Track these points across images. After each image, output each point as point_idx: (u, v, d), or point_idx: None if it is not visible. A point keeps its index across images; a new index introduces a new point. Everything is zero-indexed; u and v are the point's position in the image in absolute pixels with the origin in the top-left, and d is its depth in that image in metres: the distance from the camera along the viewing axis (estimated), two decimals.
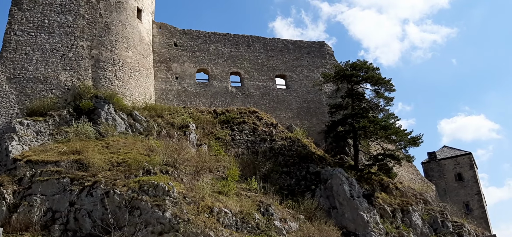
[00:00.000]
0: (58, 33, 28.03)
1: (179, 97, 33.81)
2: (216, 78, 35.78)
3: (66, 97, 26.29)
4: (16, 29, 27.32)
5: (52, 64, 27.00)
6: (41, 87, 26.17)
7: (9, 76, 25.86)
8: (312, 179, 27.09)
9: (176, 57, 35.37)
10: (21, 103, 25.32)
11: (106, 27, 29.65)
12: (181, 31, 36.67)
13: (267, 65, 37.82)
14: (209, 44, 36.85)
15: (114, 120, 25.38)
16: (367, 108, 32.40)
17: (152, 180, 19.13)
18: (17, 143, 22.23)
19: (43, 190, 18.99)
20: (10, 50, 26.63)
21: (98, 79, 27.82)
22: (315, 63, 39.34)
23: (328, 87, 36.14)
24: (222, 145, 28.03)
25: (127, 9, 31.39)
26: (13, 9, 27.78)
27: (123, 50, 29.82)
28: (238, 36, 38.41)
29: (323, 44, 40.96)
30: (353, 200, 24.76)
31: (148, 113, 27.85)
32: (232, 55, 37.22)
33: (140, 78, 30.57)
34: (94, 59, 28.30)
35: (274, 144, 29.58)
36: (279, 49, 38.90)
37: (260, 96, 36.14)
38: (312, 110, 37.03)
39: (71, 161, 20.37)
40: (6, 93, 25.30)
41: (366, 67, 32.74)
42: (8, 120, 24.24)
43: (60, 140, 23.11)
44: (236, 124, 30.59)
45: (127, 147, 22.90)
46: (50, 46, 27.47)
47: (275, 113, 35.16)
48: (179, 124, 27.97)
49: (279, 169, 27.27)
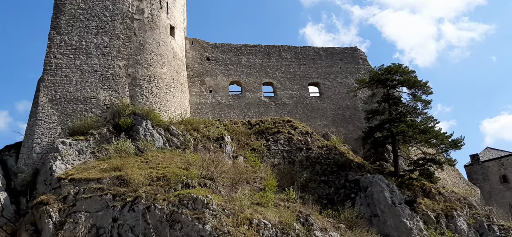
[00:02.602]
0: (95, 54, 28.93)
1: (214, 110, 34.20)
2: (248, 89, 35.97)
3: (106, 116, 27.02)
4: (56, 52, 28.36)
5: (91, 84, 27.85)
6: (82, 107, 27.00)
7: (51, 98, 26.83)
8: (351, 187, 26.58)
9: (209, 71, 35.86)
10: (63, 124, 26.17)
11: (141, 45, 30.38)
12: (213, 45, 37.18)
13: (299, 74, 37.69)
14: (240, 56, 37.15)
15: (152, 135, 25.84)
16: (405, 112, 31.75)
17: (191, 194, 19.24)
18: (60, 162, 22.97)
19: (87, 207, 19.46)
20: (51, 73, 27.65)
21: (135, 97, 28.47)
22: (349, 69, 38.89)
23: (363, 92, 35.64)
24: (258, 156, 27.97)
25: (160, 27, 32.08)
26: (52, 34, 28.90)
27: (158, 67, 30.43)
28: (269, 46, 38.55)
29: (356, 50, 40.47)
30: (395, 207, 24.11)
31: (184, 127, 28.20)
32: (263, 65, 37.37)
33: (175, 93, 31.08)
34: (130, 77, 29.01)
35: (310, 153, 29.27)
36: (311, 57, 38.74)
37: (294, 105, 36.02)
38: (348, 117, 36.53)
39: (113, 178, 20.81)
40: (48, 114, 26.24)
41: (402, 70, 32.13)
42: (51, 141, 25.10)
43: (101, 158, 23.71)
44: (270, 134, 30.49)
45: (165, 162, 23.21)
46: (88, 67, 28.38)
47: (309, 122, 34.88)
48: (214, 136, 28.14)
49: (317, 178, 26.90)
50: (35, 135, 25.14)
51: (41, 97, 26.49)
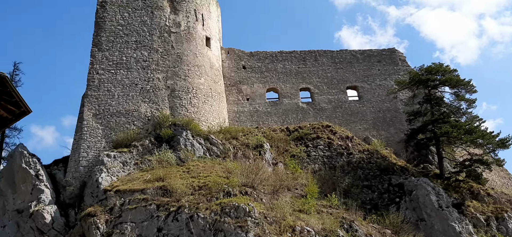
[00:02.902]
0: (135, 68, 29.73)
1: (252, 118, 34.32)
2: (286, 95, 35.88)
3: (147, 127, 27.64)
4: (98, 68, 29.34)
5: (132, 98, 28.60)
6: (124, 120, 27.75)
7: (95, 113, 27.73)
8: (395, 191, 25.86)
9: (245, 79, 36.06)
10: (107, 137, 26.97)
11: (178, 58, 30.97)
12: (248, 53, 37.41)
13: (337, 78, 37.25)
14: (276, 63, 37.16)
15: (192, 145, 26.17)
16: (448, 112, 30.78)
17: (233, 202, 19.31)
18: (106, 174, 23.65)
19: (133, 218, 19.89)
20: (94, 88, 28.61)
21: (175, 108, 28.99)
22: (387, 71, 38.07)
23: (404, 94, 34.76)
24: (298, 163, 27.75)
25: (197, 38, 32.61)
26: (94, 50, 29.93)
27: (195, 78, 30.89)
28: (304, 52, 38.37)
29: (394, 51, 39.58)
30: (442, 210, 23.27)
31: (223, 136, 28.41)
32: (300, 71, 37.20)
33: (213, 102, 31.42)
34: (170, 89, 29.59)
35: (351, 158, 28.74)
36: (347, 60, 38.22)
37: (332, 110, 35.58)
38: (389, 120, 35.70)
39: (156, 188, 21.20)
40: (93, 128, 27.12)
41: (443, 70, 31.17)
42: (96, 154, 25.91)
43: (144, 169, 24.24)
44: (310, 140, 30.19)
45: (206, 171, 23.42)
46: (129, 81, 29.18)
47: (349, 126, 34.33)
48: (253, 144, 28.17)
49: (359, 183, 26.37)
50: (81, 149, 26.04)
51: (85, 112, 27.43)
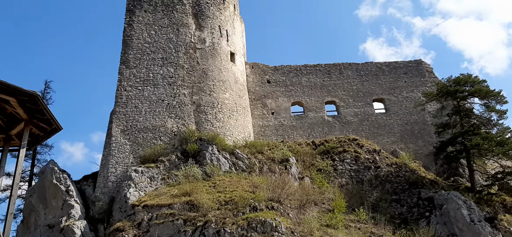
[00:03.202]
0: (162, 84, 30.20)
1: (277, 132, 34.25)
2: (311, 109, 35.71)
3: (174, 143, 27.94)
4: (126, 85, 29.95)
5: (159, 114, 29.02)
6: (151, 135, 28.14)
7: (123, 129, 28.23)
8: (425, 205, 25.21)
9: (270, 93, 36.12)
10: (134, 152, 27.38)
11: (203, 73, 31.32)
12: (273, 67, 37.50)
13: (363, 90, 36.87)
14: (301, 77, 37.10)
15: (218, 160, 26.27)
16: (478, 124, 29.92)
17: (259, 217, 19.23)
18: (134, 189, 23.96)
19: (160, 233, 20.03)
20: (122, 105, 29.18)
21: (201, 123, 29.23)
22: (414, 83, 37.48)
23: (432, 106, 34.10)
24: (325, 177, 27.44)
25: (221, 54, 32.95)
26: (122, 68, 30.60)
27: (220, 93, 31.14)
28: (329, 65, 38.19)
29: (421, 62, 38.98)
30: (474, 224, 22.50)
31: (249, 150, 28.41)
32: (325, 84, 37.01)
33: (238, 117, 31.54)
34: (195, 105, 29.90)
35: (379, 171, 28.23)
36: (373, 72, 37.83)
37: (359, 123, 35.18)
38: (417, 132, 35.00)
39: (183, 203, 21.32)
40: (121, 144, 27.60)
41: (471, 80, 30.45)
42: (125, 169, 26.31)
43: (171, 184, 24.44)
44: (336, 153, 29.85)
45: (232, 186, 23.43)
46: (156, 97, 29.65)
47: (376, 139, 33.83)
48: (279, 158, 28.06)
49: (387, 197, 25.83)
50: (109, 165, 26.49)
51: (114, 128, 27.97)
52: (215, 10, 34.46)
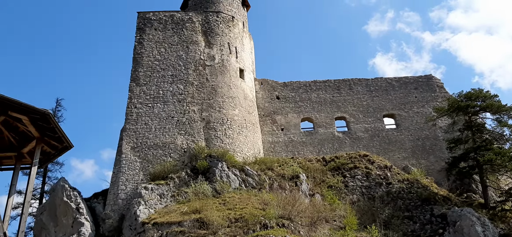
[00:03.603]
0: (172, 101, 30.32)
1: (287, 148, 34.09)
2: (321, 125, 35.55)
3: (183, 159, 27.91)
4: (136, 102, 30.11)
5: (169, 130, 29.07)
6: (161, 152, 28.16)
7: (133, 146, 28.30)
8: (438, 222, 24.75)
9: (279, 110, 36.06)
10: (144, 169, 27.39)
11: (213, 90, 31.41)
12: (282, 83, 37.51)
13: (373, 106, 36.68)
14: (310, 93, 37.04)
15: (228, 176, 26.14)
16: (491, 139, 29.58)
17: (270, 234, 18.99)
18: (144, 207, 23.88)
19: None
20: (132, 122, 29.29)
21: (210, 139, 29.21)
22: (425, 98, 37.22)
23: (443, 121, 33.81)
24: (336, 193, 27.14)
25: (230, 71, 33.06)
26: (132, 85, 30.80)
27: (230, 109, 31.15)
28: (338, 80, 38.12)
29: (431, 77, 38.75)
30: None
31: (259, 166, 28.26)
32: (334, 100, 36.90)
33: (248, 133, 31.47)
34: (205, 121, 29.92)
35: (390, 188, 27.86)
36: (383, 88, 37.67)
37: (369, 139, 34.91)
38: (428, 148, 34.62)
39: (193, 220, 21.16)
40: (131, 161, 27.63)
41: (483, 95, 30.18)
42: (134, 186, 26.30)
43: (181, 201, 24.32)
44: (347, 170, 29.55)
45: (242, 203, 23.25)
46: (166, 114, 29.74)
47: (387, 155, 33.50)
48: (289, 175, 27.85)
49: (399, 214, 25.44)
50: (119, 182, 26.51)
51: (124, 146, 28.04)
52: (224, 28, 34.70)
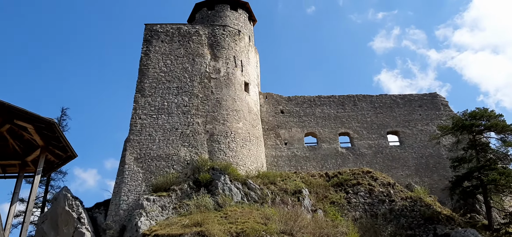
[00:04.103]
0: (176, 113, 30.42)
1: (290, 163, 34.02)
2: (324, 140, 35.50)
3: (186, 171, 27.91)
4: (141, 113, 30.23)
5: (173, 142, 29.12)
6: (164, 164, 28.18)
7: (136, 157, 28.35)
8: None
9: (283, 124, 36.07)
10: (147, 181, 27.39)
11: (218, 102, 31.51)
12: (287, 98, 37.57)
13: (377, 123, 36.62)
14: (314, 108, 37.06)
15: (230, 190, 26.09)
16: (495, 159, 29.39)
17: None
18: (145, 218, 23.83)
19: None
20: (136, 133, 29.37)
21: (213, 152, 29.22)
22: (429, 116, 37.15)
23: (447, 139, 33.65)
24: (338, 209, 27.00)
25: (235, 84, 33.18)
26: (137, 96, 30.96)
27: (234, 122, 31.21)
28: (343, 96, 38.14)
29: (436, 95, 38.72)
30: None
31: (261, 180, 28.19)
32: (338, 116, 36.88)
33: (251, 147, 31.47)
34: (209, 134, 29.97)
35: (394, 205, 27.69)
36: (388, 105, 37.64)
37: (373, 155, 34.80)
38: (432, 166, 34.45)
39: (194, 234, 21.03)
40: (134, 172, 27.66)
41: (488, 114, 30.09)
42: (136, 198, 26.28)
43: (182, 213, 24.24)
44: (350, 186, 29.43)
45: (244, 217, 23.14)
46: (170, 125, 29.82)
47: (391, 172, 33.36)
48: (292, 190, 27.74)
49: (402, 232, 25.25)
50: (122, 193, 26.50)
51: (127, 156, 28.10)
52: (231, 41, 34.93)
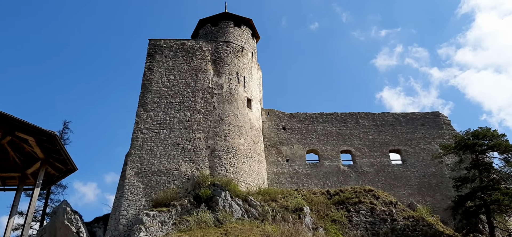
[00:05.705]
0: (178, 128, 30.40)
1: (291, 180, 33.84)
2: (326, 158, 35.35)
3: (187, 187, 27.76)
4: (142, 127, 30.22)
5: (174, 157, 29.04)
6: (165, 179, 28.05)
7: (137, 171, 28.24)
8: None
9: (285, 140, 35.97)
10: (147, 196, 27.23)
11: (220, 118, 31.50)
12: (289, 114, 37.54)
13: (379, 141, 36.49)
14: (316, 125, 37.00)
15: (231, 206, 25.90)
16: (498, 179, 29.13)
17: None
18: (144, 234, 23.61)
19: None
20: (137, 147, 29.31)
21: (215, 168, 29.11)
22: (431, 135, 37.02)
23: (450, 159, 33.47)
24: (339, 228, 26.72)
25: (238, 100, 33.21)
26: (139, 111, 30.99)
27: (235, 138, 31.14)
28: (345, 114, 38.10)
29: (438, 114, 38.64)
30: None
31: (262, 197, 28.00)
32: (340, 133, 36.79)
33: (253, 163, 31.34)
34: (210, 149, 29.89)
35: (395, 225, 27.41)
36: (390, 123, 37.56)
37: (375, 173, 34.60)
38: (435, 185, 34.21)
39: None
40: (134, 187, 27.53)
41: (490, 134, 29.92)
42: (136, 212, 26.10)
43: (182, 229, 24.03)
44: (351, 204, 29.17)
45: (244, 234, 22.90)
46: (171, 140, 29.77)
47: (393, 191, 33.13)
48: (293, 207, 27.51)
49: None
50: (121, 207, 26.33)
51: (128, 171, 28.00)
52: (234, 57, 35.07)
